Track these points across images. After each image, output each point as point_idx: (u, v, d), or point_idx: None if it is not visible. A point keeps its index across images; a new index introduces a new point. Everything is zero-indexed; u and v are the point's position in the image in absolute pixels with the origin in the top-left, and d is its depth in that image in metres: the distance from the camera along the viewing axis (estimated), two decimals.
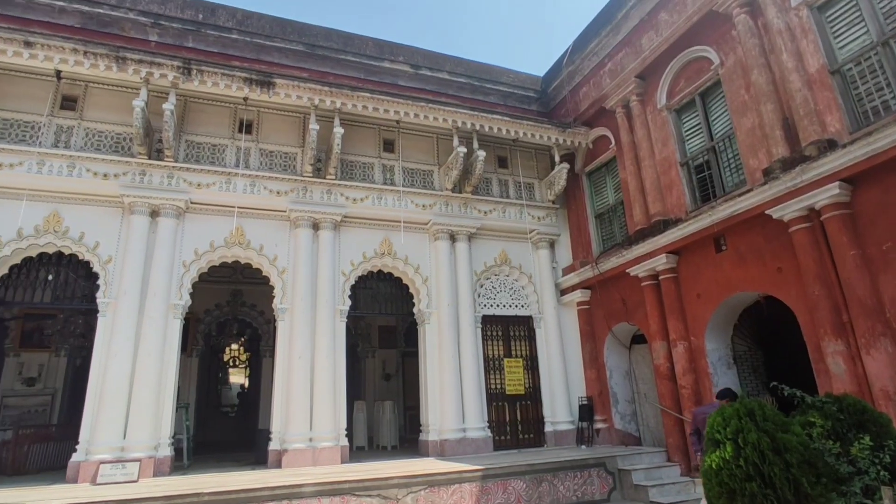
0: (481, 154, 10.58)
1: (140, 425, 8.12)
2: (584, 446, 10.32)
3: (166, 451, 8.32)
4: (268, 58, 10.62)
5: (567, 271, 11.72)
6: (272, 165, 10.05)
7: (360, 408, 12.79)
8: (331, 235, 9.97)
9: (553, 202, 12.00)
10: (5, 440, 10.51)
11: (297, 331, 9.26)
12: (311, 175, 9.94)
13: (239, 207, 9.38)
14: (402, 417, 13.89)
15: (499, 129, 10.82)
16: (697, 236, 8.57)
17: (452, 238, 10.92)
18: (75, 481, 7.67)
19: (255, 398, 15.55)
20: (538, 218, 11.81)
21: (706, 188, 9.04)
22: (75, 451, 7.94)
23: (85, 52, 8.33)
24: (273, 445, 8.84)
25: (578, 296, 11.38)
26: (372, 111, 9.85)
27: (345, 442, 9.21)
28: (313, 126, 9.46)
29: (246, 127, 9.99)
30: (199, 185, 9.30)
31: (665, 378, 9.18)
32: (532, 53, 47.87)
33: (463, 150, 10.43)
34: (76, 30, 9.46)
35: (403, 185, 10.74)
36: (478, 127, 10.65)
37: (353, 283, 10.06)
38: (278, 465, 8.61)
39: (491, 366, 10.81)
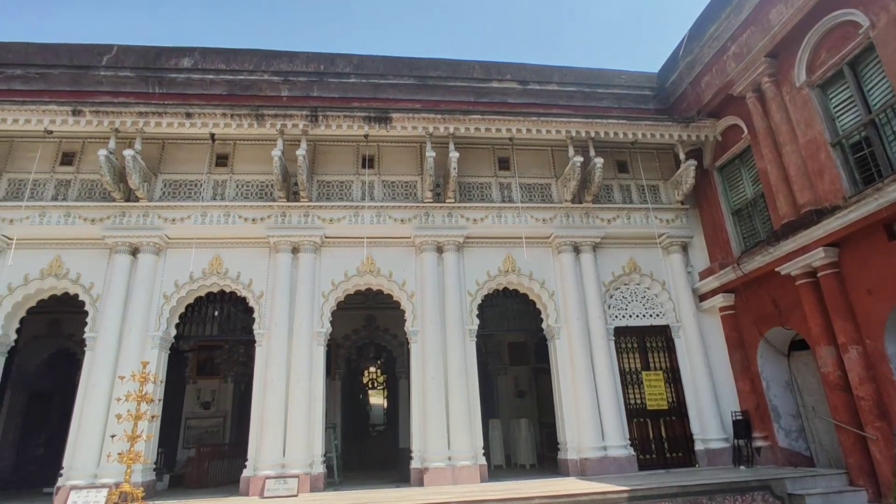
0: (599, 161, 10.28)
1: (296, 444, 8.87)
2: (743, 466, 9.36)
3: (319, 469, 8.98)
4: (383, 95, 11.31)
5: (704, 275, 10.85)
6: (395, 195, 10.62)
7: (495, 426, 12.80)
8: (454, 257, 10.24)
9: (682, 203, 11.24)
10: (190, 457, 12.06)
11: (428, 352, 9.58)
12: (431, 201, 10.35)
13: (368, 238, 10.02)
14: (539, 434, 13.65)
15: (615, 134, 10.44)
16: (862, 224, 7.49)
17: (576, 250, 10.66)
18: (247, 494, 8.55)
19: (395, 418, 16.25)
20: (666, 221, 11.13)
21: (867, 168, 7.91)
22: (245, 467, 8.87)
23: (231, 115, 9.54)
24: (414, 464, 9.15)
25: (720, 300, 10.45)
26: (484, 132, 10.04)
27: (483, 460, 9.26)
28: (429, 153, 9.87)
29: (368, 162, 10.70)
30: (331, 220, 10.11)
31: (837, 388, 8.06)
32: (642, 51, 45.73)
33: (579, 159, 10.21)
34: (224, 97, 10.86)
35: (522, 201, 10.75)
36: (592, 134, 10.37)
37: (480, 301, 10.20)
38: (420, 483, 8.88)
39: (628, 380, 10.29)
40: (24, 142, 10.23)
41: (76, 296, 9.63)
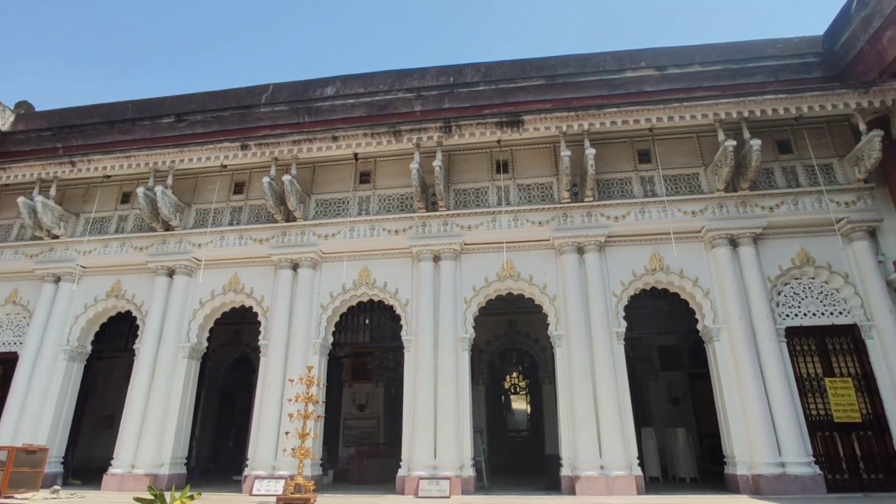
0: (755, 143, 9.24)
1: (446, 447, 9.10)
2: None
3: (469, 472, 9.12)
4: (513, 99, 11.28)
5: None
6: (531, 198, 10.51)
7: (648, 435, 12.02)
8: (596, 258, 9.85)
9: (864, 181, 9.67)
10: (350, 454, 12.99)
11: (574, 356, 9.29)
12: (568, 201, 10.08)
13: (506, 242, 10.03)
14: (699, 446, 12.57)
15: (773, 111, 9.32)
16: None
17: (733, 243, 9.67)
18: (402, 493, 8.95)
19: (539, 423, 16.02)
20: (845, 204, 9.64)
21: None
22: (399, 466, 9.30)
23: (372, 134, 10.17)
24: (564, 471, 8.91)
25: None
26: (621, 125, 9.56)
27: (638, 471, 8.74)
28: (564, 153, 9.62)
29: (503, 167, 10.74)
30: (468, 227, 10.29)
31: None
32: (800, 15, 40.43)
33: (731, 143, 9.27)
34: (363, 118, 11.62)
35: (667, 195, 10.04)
36: (745, 113, 9.37)
37: (626, 303, 9.68)
38: (571, 491, 8.62)
39: (807, 387, 9.06)
40: (205, 177, 11.86)
41: (250, 308, 10.90)
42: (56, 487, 9.19)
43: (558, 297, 9.82)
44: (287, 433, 8.60)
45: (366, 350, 14.51)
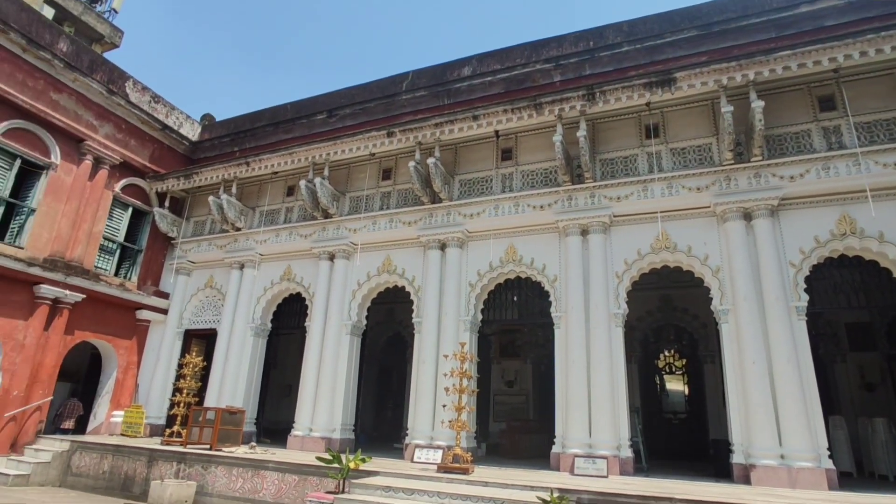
0: None
1: (601, 426, 8.84)
2: None
3: (627, 453, 8.77)
4: (661, 56, 10.40)
5: None
6: (686, 163, 9.65)
7: (837, 424, 10.55)
8: (767, 223, 8.76)
9: None
10: (501, 429, 13.23)
11: (744, 333, 8.42)
12: (732, 162, 9.06)
13: (660, 212, 9.35)
14: None
15: None
16: None
17: None
18: (557, 469, 8.90)
19: (700, 406, 14.91)
20: None
21: None
22: (553, 443, 9.25)
23: (512, 110, 10.04)
24: (736, 458, 8.18)
25: None
26: (796, 69, 8.30)
27: (829, 464, 7.72)
28: (726, 108, 8.63)
29: (653, 131, 9.96)
30: (617, 198, 9.75)
31: None
32: None
33: None
34: (502, 95, 11.52)
35: (860, 145, 8.56)
36: None
37: (807, 273, 8.51)
38: (745, 480, 7.89)
39: None
40: (356, 166, 12.68)
41: (403, 287, 11.50)
42: (252, 444, 10.62)
43: (722, 268, 8.94)
44: (444, 406, 8.97)
45: (513, 327, 14.58)
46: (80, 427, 12.67)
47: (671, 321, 14.88)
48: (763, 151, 8.86)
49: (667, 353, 16.74)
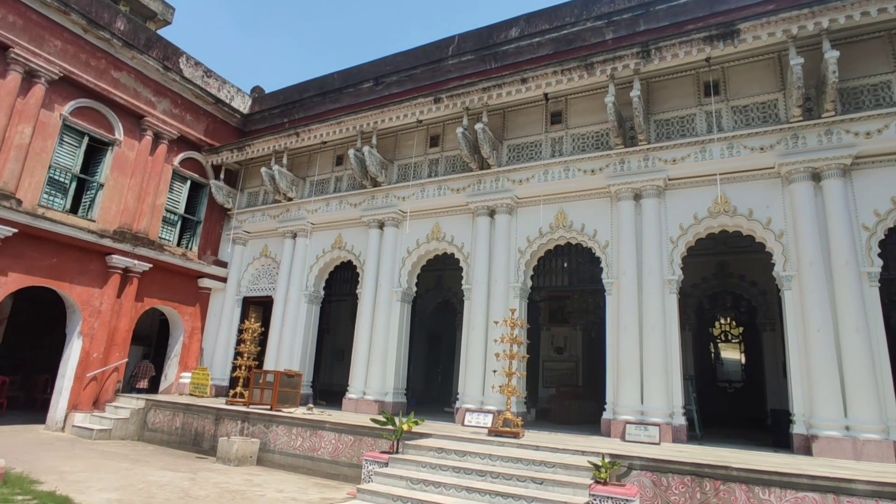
0: None
1: (653, 393, 8.74)
2: None
3: (680, 420, 8.65)
4: (722, 7, 9.76)
5: None
6: (749, 121, 9.12)
7: None
8: (839, 184, 8.22)
9: None
10: (550, 395, 13.30)
11: (809, 300, 8.04)
12: (800, 119, 8.49)
13: (719, 174, 8.93)
14: None
15: None
16: None
17: None
18: (608, 435, 8.90)
19: (758, 375, 14.48)
20: None
21: None
22: (604, 409, 9.22)
23: (562, 71, 9.72)
24: (797, 429, 7.93)
25: None
26: (876, 14, 7.62)
27: None
28: (795, 61, 8.05)
29: (712, 88, 9.44)
30: (673, 160, 9.37)
31: None
32: None
33: None
34: (551, 56, 11.15)
35: None
36: None
37: (882, 237, 7.98)
38: (806, 451, 7.66)
39: None
40: (404, 133, 12.67)
41: (452, 255, 11.55)
42: (310, 405, 11.12)
43: (786, 232, 8.50)
44: (494, 371, 9.07)
45: (563, 294, 14.46)
46: (153, 387, 13.61)
47: (728, 288, 14.38)
48: (836, 106, 8.25)
49: (723, 321, 16.26)
